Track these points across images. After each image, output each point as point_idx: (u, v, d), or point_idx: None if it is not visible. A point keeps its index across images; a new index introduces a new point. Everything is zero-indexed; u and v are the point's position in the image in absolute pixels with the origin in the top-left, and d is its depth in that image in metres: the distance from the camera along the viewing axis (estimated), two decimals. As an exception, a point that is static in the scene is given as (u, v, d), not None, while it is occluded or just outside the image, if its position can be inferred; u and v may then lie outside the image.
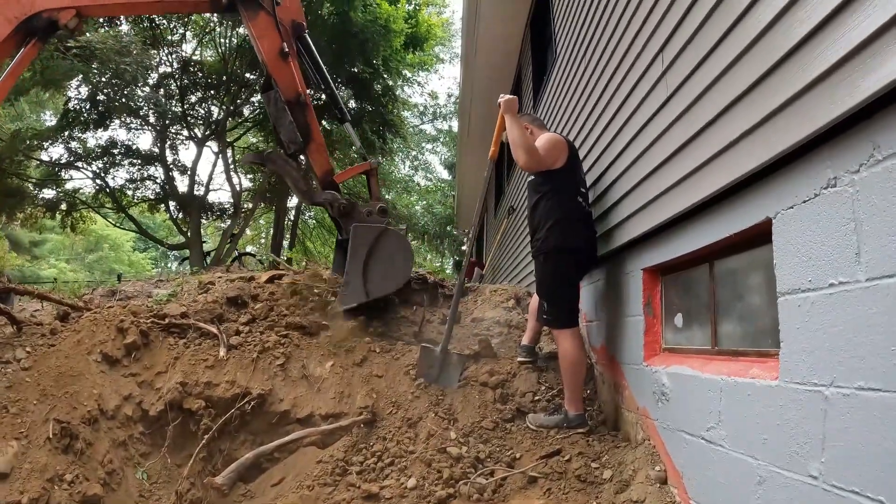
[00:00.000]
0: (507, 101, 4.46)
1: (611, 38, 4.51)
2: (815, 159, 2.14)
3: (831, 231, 2.03)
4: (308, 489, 4.03)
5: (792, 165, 2.27)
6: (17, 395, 4.41)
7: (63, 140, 19.81)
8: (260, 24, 5.61)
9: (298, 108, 5.77)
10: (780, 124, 2.26)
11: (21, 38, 4.96)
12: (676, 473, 3.25)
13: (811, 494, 2.07)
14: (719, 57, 2.74)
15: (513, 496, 3.80)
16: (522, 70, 10.63)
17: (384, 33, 16.84)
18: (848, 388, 1.93)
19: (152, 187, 21.86)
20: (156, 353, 5.19)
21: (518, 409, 4.62)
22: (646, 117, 3.69)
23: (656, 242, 3.70)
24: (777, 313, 2.34)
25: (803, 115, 2.12)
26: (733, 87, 2.60)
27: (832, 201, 2.04)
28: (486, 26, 10.12)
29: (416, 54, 21.17)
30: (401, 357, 5.20)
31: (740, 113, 2.55)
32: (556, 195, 4.38)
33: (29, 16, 4.87)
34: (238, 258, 14.92)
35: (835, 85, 1.96)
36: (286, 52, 5.63)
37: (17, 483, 3.89)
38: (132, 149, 20.71)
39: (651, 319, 3.84)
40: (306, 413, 4.80)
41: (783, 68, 2.24)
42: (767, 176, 2.44)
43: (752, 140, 2.46)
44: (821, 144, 2.10)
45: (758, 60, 2.40)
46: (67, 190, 21.31)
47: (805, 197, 2.18)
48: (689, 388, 3.12)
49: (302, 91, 5.77)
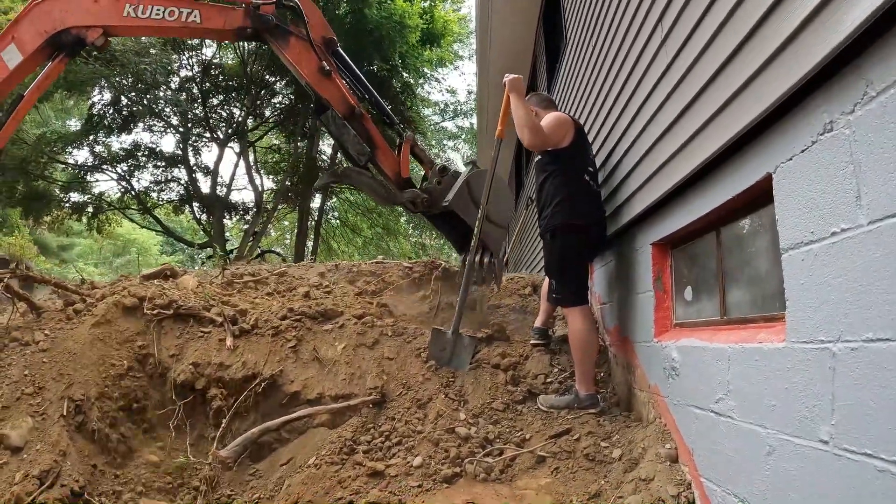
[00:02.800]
0: (512, 80, 4.44)
1: (615, 13, 4.48)
2: (810, 105, 2.08)
3: (830, 177, 1.97)
4: (315, 468, 4.07)
5: (788, 116, 2.21)
6: (34, 375, 4.59)
7: (88, 144, 20.09)
8: (293, 49, 5.56)
9: (356, 120, 5.70)
10: (772, 75, 2.21)
11: (49, 52, 5.07)
12: (687, 450, 3.19)
13: (822, 461, 1.99)
14: (714, 14, 2.69)
15: (520, 476, 3.79)
16: (537, 61, 10.62)
17: (399, 29, 16.90)
18: (855, 342, 1.85)
19: (176, 189, 22.17)
20: (168, 336, 5.30)
21: (530, 391, 4.59)
22: (648, 89, 3.65)
23: (663, 215, 3.65)
24: (782, 273, 2.26)
25: (793, 61, 2.07)
26: (727, 44, 2.56)
27: (830, 146, 1.97)
28: (500, 20, 10.12)
29: (434, 50, 21.18)
30: (412, 340, 5.21)
31: (735, 70, 2.51)
32: (563, 174, 4.35)
33: (59, 31, 4.98)
34: (261, 255, 14.97)
35: (821, 24, 1.91)
36: (328, 70, 5.57)
37: (29, 455, 4.06)
38: (156, 151, 21.07)
39: (661, 295, 3.77)
40: (316, 394, 4.83)
41: (773, 16, 2.19)
42: (765, 131, 2.38)
43: (747, 95, 2.41)
44: (814, 90, 2.04)
45: (749, 12, 2.36)
46: (93, 193, 21.66)
47: (803, 146, 2.11)
48: (697, 360, 3.05)
49: (354, 103, 5.73)
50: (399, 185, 5.83)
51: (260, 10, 5.40)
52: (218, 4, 5.49)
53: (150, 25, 5.31)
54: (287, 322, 5.37)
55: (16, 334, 4.95)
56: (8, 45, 4.88)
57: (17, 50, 4.91)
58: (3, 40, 4.86)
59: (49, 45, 5.01)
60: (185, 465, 4.58)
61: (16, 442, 4.12)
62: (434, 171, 5.80)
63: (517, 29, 10.35)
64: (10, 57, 4.89)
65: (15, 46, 4.90)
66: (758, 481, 2.39)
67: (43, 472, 3.93)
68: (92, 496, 4.10)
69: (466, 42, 30.62)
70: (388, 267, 7.24)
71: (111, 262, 44.11)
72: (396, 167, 5.91)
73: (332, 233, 29.09)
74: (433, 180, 5.74)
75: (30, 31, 4.93)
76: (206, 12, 5.35)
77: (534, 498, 3.39)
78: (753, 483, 2.43)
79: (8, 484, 3.86)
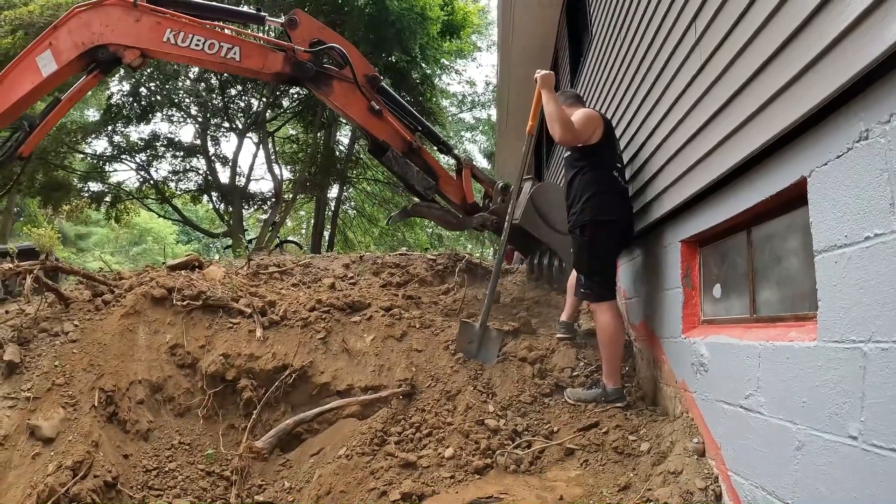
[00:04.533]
0: (543, 77, 4.50)
1: (644, 13, 4.51)
2: (847, 113, 2.14)
3: (865, 184, 2.03)
4: (346, 458, 4.15)
5: (824, 122, 2.27)
6: (65, 366, 4.63)
7: (107, 134, 20.24)
8: (338, 94, 5.53)
9: (414, 154, 5.75)
10: (811, 80, 2.27)
11: (84, 65, 5.07)
12: (714, 445, 3.26)
13: (851, 456, 2.07)
14: (751, 19, 2.74)
15: (549, 467, 3.87)
16: (559, 55, 10.60)
17: (420, 21, 16.89)
18: (886, 342, 1.92)
19: (194, 179, 22.30)
20: (197, 326, 5.36)
21: (556, 384, 4.66)
22: (680, 88, 3.69)
23: (693, 213, 3.70)
24: (814, 274, 2.33)
25: (833, 69, 2.12)
26: (765, 47, 2.60)
27: (865, 154, 2.03)
28: (522, 12, 10.11)
29: (453, 42, 21.16)
30: (440, 333, 5.27)
31: (773, 73, 2.56)
32: (593, 170, 4.41)
33: (96, 45, 4.96)
34: (280, 245, 15.08)
35: (861, 36, 1.96)
36: (377, 109, 5.58)
37: (61, 446, 4.09)
38: (174, 141, 21.17)
39: (689, 291, 3.84)
40: (346, 385, 4.91)
41: (813, 24, 2.24)
42: (801, 135, 2.44)
43: (785, 99, 2.46)
44: (851, 98, 2.10)
45: (788, 18, 2.41)
46: (111, 183, 21.83)
47: (839, 152, 2.18)
48: (727, 356, 3.12)
49: (410, 138, 5.74)
50: (466, 210, 5.98)
51: (298, 56, 5.37)
52: (259, 44, 5.46)
53: (187, 55, 5.26)
54: (316, 314, 5.44)
55: (45, 325, 4.99)
56: (44, 50, 4.90)
57: (53, 58, 4.91)
58: (40, 44, 4.90)
59: (84, 58, 5.02)
60: (216, 456, 4.64)
61: (48, 433, 4.15)
62: (497, 190, 5.95)
63: (540, 22, 10.32)
64: (44, 64, 4.90)
65: (51, 54, 4.91)
66: (786, 475, 2.47)
67: (76, 462, 3.96)
68: (124, 487, 4.15)
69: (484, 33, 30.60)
70: (412, 259, 7.34)
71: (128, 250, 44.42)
72: (461, 193, 6.02)
73: (350, 223, 29.16)
74: (497, 199, 5.90)
75: (67, 42, 4.93)
76: (247, 50, 5.32)
77: (564, 489, 3.47)
78: (782, 477, 2.50)
79: (42, 475, 3.89)
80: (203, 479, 4.45)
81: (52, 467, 3.93)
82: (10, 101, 4.86)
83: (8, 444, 4.07)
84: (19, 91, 4.87)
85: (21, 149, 5.05)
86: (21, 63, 4.90)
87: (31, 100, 5.02)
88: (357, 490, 3.89)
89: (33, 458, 4.02)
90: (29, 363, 4.62)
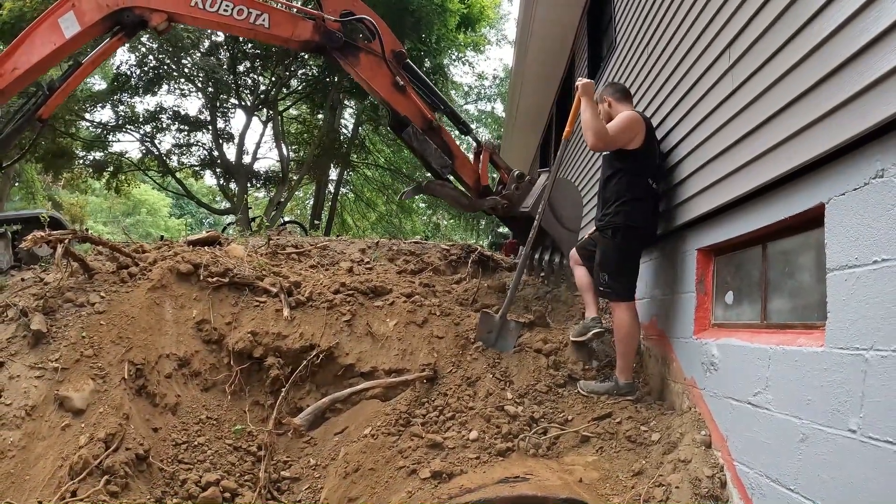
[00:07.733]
0: (584, 85, 4.58)
1: (677, 31, 4.67)
2: (866, 153, 2.46)
3: (878, 215, 2.35)
4: (372, 437, 4.36)
5: (845, 157, 2.60)
6: (93, 337, 4.67)
7: (112, 104, 20.24)
8: (364, 66, 5.57)
9: (434, 133, 5.82)
10: (837, 121, 2.57)
11: (108, 27, 4.97)
12: (721, 437, 3.58)
13: (849, 447, 2.41)
14: (785, 58, 3.02)
15: (566, 453, 4.13)
16: (576, 57, 10.69)
17: (440, 12, 17.08)
18: (886, 351, 2.26)
19: (198, 153, 22.33)
20: (224, 304, 5.48)
21: (570, 376, 4.88)
22: (710, 107, 3.92)
23: (712, 223, 3.98)
24: (825, 289, 2.66)
25: (858, 115, 2.43)
26: (796, 85, 2.89)
27: (880, 190, 2.36)
28: (543, 12, 10.17)
29: (468, 35, 21.31)
30: (460, 322, 5.45)
31: (802, 109, 2.85)
32: (629, 175, 4.51)
33: (121, 8, 4.88)
34: (283, 225, 15.28)
35: (886, 90, 2.27)
36: (402, 85, 5.63)
37: (92, 418, 4.14)
38: (180, 114, 21.18)
39: (702, 296, 4.13)
40: (370, 367, 5.10)
41: (842, 73, 2.54)
42: (822, 166, 2.76)
43: (812, 133, 2.77)
44: (871, 140, 2.42)
45: (820, 63, 2.70)
46: (114, 153, 21.83)
47: (856, 185, 2.50)
48: (738, 357, 3.44)
49: (431, 116, 5.82)
50: (478, 193, 6.09)
51: (327, 25, 5.37)
52: (289, 12, 5.43)
53: (215, 20, 5.19)
54: (340, 296, 5.58)
55: (69, 295, 4.98)
56: (67, 11, 4.74)
57: (76, 19, 4.76)
58: (62, 6, 4.73)
59: (108, 21, 4.90)
60: (243, 432, 4.72)
61: (78, 404, 4.16)
62: (512, 178, 6.07)
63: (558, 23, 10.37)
64: (67, 25, 4.74)
65: (74, 15, 4.75)
66: (790, 464, 2.81)
67: (109, 434, 3.98)
68: (155, 460, 4.20)
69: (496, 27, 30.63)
70: (426, 248, 7.53)
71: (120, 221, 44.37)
72: (476, 175, 6.12)
73: (348, 206, 29.29)
74: (511, 186, 6.02)
75: (91, 3, 4.80)
76: (276, 18, 5.29)
77: (583, 472, 3.77)
78: (786, 465, 2.84)
79: (73, 446, 3.90)
80: (231, 454, 4.56)
81: (84, 439, 3.95)
82: (31, 63, 4.71)
83: (35, 414, 4.09)
84: (41, 52, 4.72)
85: (41, 111, 4.92)
86: (43, 23, 4.74)
87: (53, 62, 4.88)
88: (386, 468, 4.08)
89: (63, 429, 4.05)
90: (56, 333, 4.63)
